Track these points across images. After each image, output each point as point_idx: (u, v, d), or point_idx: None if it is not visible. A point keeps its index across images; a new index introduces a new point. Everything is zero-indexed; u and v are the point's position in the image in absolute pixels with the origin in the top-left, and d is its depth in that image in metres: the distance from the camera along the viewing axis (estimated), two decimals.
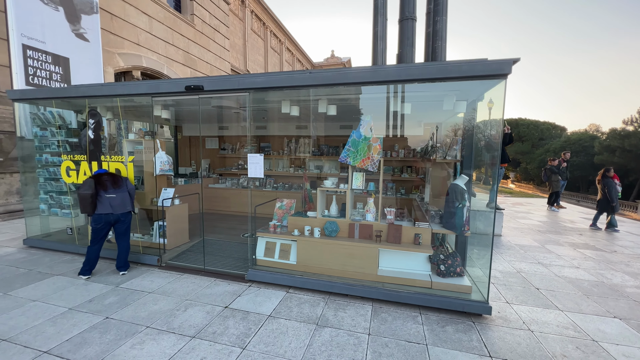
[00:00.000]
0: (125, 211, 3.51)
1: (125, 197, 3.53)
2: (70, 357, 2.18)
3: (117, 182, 3.50)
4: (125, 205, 3.52)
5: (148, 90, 3.58)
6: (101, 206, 3.38)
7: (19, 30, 5.72)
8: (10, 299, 3.00)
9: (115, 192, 3.46)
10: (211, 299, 3.08)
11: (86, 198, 3.31)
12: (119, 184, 3.51)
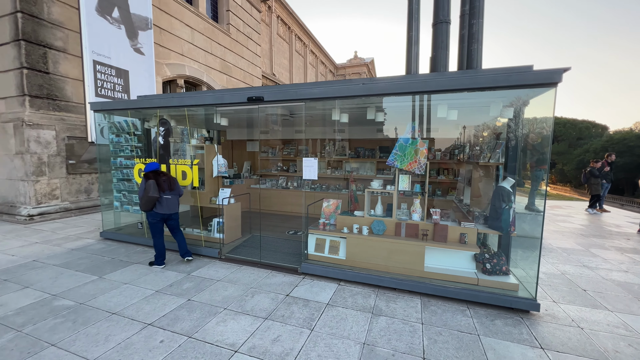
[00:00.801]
0: (176, 211, 4.04)
1: (176, 199, 4.02)
2: (170, 329, 2.60)
3: (173, 186, 3.97)
4: (176, 206, 4.04)
5: (213, 101, 4.02)
6: (159, 206, 3.87)
7: (91, 48, 6.49)
8: (106, 281, 3.53)
9: (170, 194, 3.94)
10: (272, 287, 3.44)
11: (153, 200, 3.79)
12: (173, 187, 3.97)
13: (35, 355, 2.23)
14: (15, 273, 3.71)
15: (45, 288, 3.32)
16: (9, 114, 6.38)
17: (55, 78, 6.65)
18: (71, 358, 2.22)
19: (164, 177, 3.92)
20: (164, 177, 3.91)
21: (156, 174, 3.89)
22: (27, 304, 2.98)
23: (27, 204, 6.30)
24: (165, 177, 3.94)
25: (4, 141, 6.42)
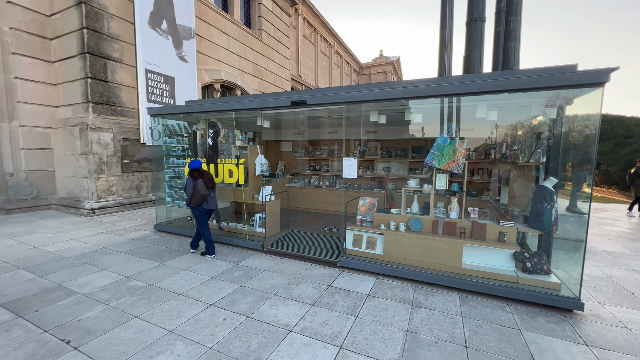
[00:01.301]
0: (216, 207, 4.46)
1: (215, 196, 4.43)
2: (230, 309, 2.93)
3: (213, 185, 4.35)
4: (215, 202, 4.43)
5: (259, 106, 4.35)
6: (205, 202, 4.25)
7: (143, 58, 7.15)
8: (167, 267, 3.97)
9: (212, 191, 4.34)
10: (314, 278, 3.70)
11: (204, 197, 4.18)
12: (214, 185, 4.36)
13: (124, 325, 2.64)
14: (91, 257, 4.27)
15: (119, 271, 3.81)
16: (75, 118, 7.20)
17: (112, 86, 7.40)
18: (153, 328, 2.60)
19: (208, 176, 4.27)
20: (208, 176, 4.26)
21: (201, 173, 4.25)
22: (107, 283, 3.46)
23: (90, 199, 7.08)
24: (208, 176, 4.29)
25: (70, 143, 7.25)
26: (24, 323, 2.64)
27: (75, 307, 2.91)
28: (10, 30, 6.83)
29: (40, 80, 7.39)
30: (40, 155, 7.51)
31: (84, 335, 2.48)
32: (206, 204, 4.27)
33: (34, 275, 3.62)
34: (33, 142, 7.35)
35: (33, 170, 7.40)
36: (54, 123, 7.66)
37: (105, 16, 7.16)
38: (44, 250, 4.52)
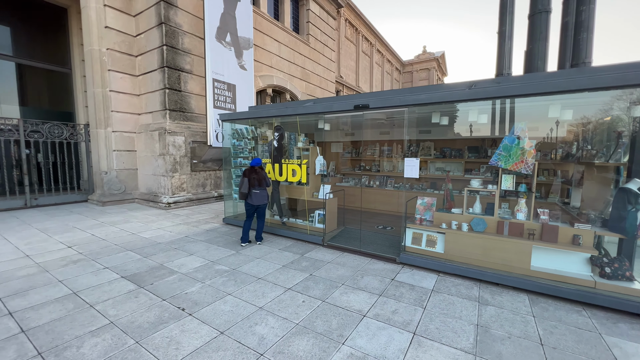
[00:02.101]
0: (264, 203, 4.84)
1: (264, 193, 4.81)
2: (306, 293, 3.29)
3: (262, 182, 4.76)
4: (264, 199, 4.83)
5: (322, 110, 4.70)
6: (250, 198, 4.74)
7: (211, 69, 7.98)
8: (242, 255, 4.49)
9: (259, 189, 4.75)
10: (377, 272, 3.92)
11: (244, 195, 4.73)
12: (262, 183, 4.76)
13: (222, 300, 3.13)
14: (179, 244, 4.97)
15: (204, 256, 4.41)
16: (155, 124, 8.27)
17: (184, 95, 8.36)
18: (245, 304, 3.04)
19: (254, 175, 4.71)
20: (254, 175, 4.71)
21: (251, 171, 4.71)
22: (198, 265, 4.06)
23: (166, 194, 8.09)
24: (256, 175, 4.72)
25: (151, 145, 8.35)
26: (145, 292, 3.26)
27: (179, 283, 3.50)
28: (107, 50, 8.09)
29: (127, 92, 8.62)
30: (127, 156, 8.76)
31: (193, 305, 3.01)
32: (251, 200, 4.76)
33: (140, 256, 4.36)
34: (122, 145, 8.60)
35: (121, 169, 8.65)
36: (137, 128, 8.87)
37: (180, 33, 8.13)
38: (141, 237, 5.36)
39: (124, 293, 3.23)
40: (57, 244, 4.85)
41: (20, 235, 5.33)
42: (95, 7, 7.86)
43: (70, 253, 4.45)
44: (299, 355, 2.29)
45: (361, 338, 2.51)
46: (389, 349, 2.38)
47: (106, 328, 2.59)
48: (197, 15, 8.49)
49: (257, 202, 4.76)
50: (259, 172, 4.80)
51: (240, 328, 2.63)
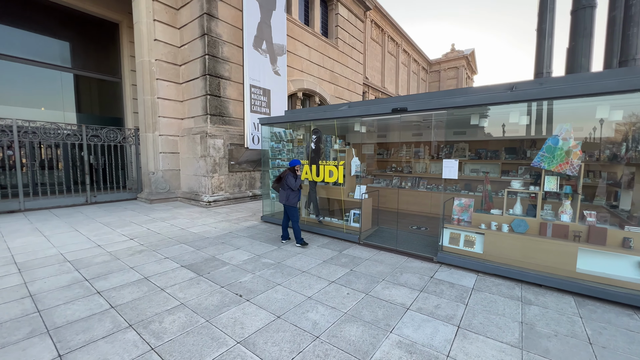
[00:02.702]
0: (282, 202, 4.95)
1: (284, 194, 4.91)
2: (349, 286, 3.50)
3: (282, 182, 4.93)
4: (283, 199, 4.93)
5: (359, 113, 4.90)
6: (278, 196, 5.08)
7: (249, 75, 8.46)
8: (284, 251, 4.79)
9: (281, 189, 4.96)
10: (415, 270, 4.05)
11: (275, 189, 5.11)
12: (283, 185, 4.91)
13: (273, 289, 3.42)
14: (225, 239, 5.38)
15: (249, 250, 4.77)
16: (197, 128, 8.89)
17: (223, 100, 8.91)
18: (294, 294, 3.31)
19: (281, 175, 5.00)
20: (281, 175, 4.99)
21: (285, 171, 4.94)
22: (246, 258, 4.41)
23: (206, 193, 8.66)
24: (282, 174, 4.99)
25: (193, 148, 8.98)
26: (205, 280, 3.63)
27: (232, 273, 3.85)
28: (155, 61, 8.84)
29: (172, 99, 9.34)
30: (171, 158, 9.47)
31: (248, 292, 3.33)
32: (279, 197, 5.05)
33: (193, 249, 4.80)
34: (167, 147, 9.32)
35: (166, 170, 9.38)
36: (180, 132, 9.57)
37: (220, 43, 8.69)
38: (190, 232, 5.85)
39: (187, 280, 3.63)
40: (121, 236, 5.44)
41: (88, 228, 6.02)
42: (146, 22, 8.62)
43: (133, 244, 4.99)
44: (351, 340, 2.50)
45: (407, 328, 2.68)
46: (436, 338, 2.53)
47: (179, 308, 2.97)
48: (235, 25, 9.02)
49: (279, 200, 5.06)
50: (285, 172, 4.96)
51: (294, 314, 2.90)
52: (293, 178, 4.84)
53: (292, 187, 4.82)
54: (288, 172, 4.92)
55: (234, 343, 2.44)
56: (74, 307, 2.95)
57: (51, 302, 3.04)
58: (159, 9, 8.77)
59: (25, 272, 3.76)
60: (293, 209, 4.94)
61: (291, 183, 4.81)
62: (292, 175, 4.86)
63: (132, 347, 2.37)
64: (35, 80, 10.56)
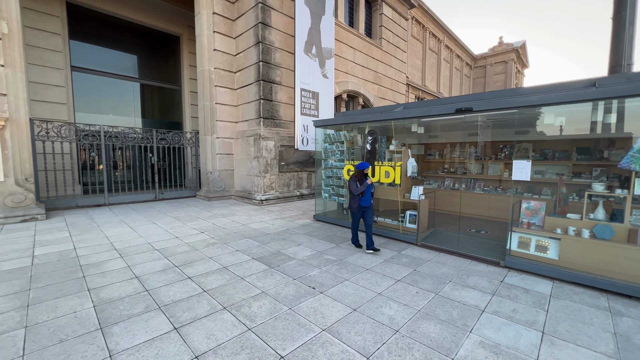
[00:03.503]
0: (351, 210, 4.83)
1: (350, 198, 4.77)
2: (416, 285, 3.55)
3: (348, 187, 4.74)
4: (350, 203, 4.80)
5: (420, 114, 4.90)
6: None
7: (299, 79, 8.81)
8: (343, 249, 4.96)
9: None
10: (482, 273, 3.96)
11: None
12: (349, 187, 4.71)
13: (342, 283, 3.59)
14: (284, 235, 5.70)
15: (310, 247, 5.01)
16: (250, 131, 9.46)
17: (275, 104, 9.37)
18: (364, 290, 3.45)
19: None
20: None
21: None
22: (309, 254, 4.65)
23: (259, 192, 9.17)
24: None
25: (246, 149, 9.57)
26: (276, 272, 3.92)
27: (300, 267, 4.10)
28: (214, 69, 9.58)
29: (227, 104, 10.04)
30: (226, 159, 10.18)
31: (320, 285, 3.54)
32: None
33: (258, 243, 5.17)
34: (222, 149, 10.04)
35: (222, 170, 10.10)
36: (234, 134, 10.24)
37: (272, 50, 9.16)
38: (251, 227, 6.28)
39: (261, 271, 3.95)
40: (192, 230, 6.02)
41: (163, 221, 6.74)
42: (207, 33, 9.38)
43: (204, 237, 5.50)
44: (431, 336, 2.57)
45: (487, 329, 2.68)
46: (520, 342, 2.50)
47: (261, 296, 3.26)
48: (286, 32, 9.44)
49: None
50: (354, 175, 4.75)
51: (369, 308, 3.03)
52: (355, 182, 4.59)
53: (352, 191, 4.61)
54: (353, 175, 4.73)
55: (319, 330, 2.64)
56: (174, 289, 3.38)
57: (154, 283, 3.52)
58: (218, 21, 9.49)
59: (126, 257, 4.37)
60: (352, 214, 4.86)
61: (352, 187, 4.60)
62: (354, 179, 4.62)
63: (231, 326, 2.68)
64: (112, 90, 12.03)
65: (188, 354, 2.31)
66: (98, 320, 2.73)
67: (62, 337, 2.47)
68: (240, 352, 2.33)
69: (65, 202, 7.98)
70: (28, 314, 2.81)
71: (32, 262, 4.11)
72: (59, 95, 9.59)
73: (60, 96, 9.64)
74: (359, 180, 4.60)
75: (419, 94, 26.69)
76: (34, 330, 2.57)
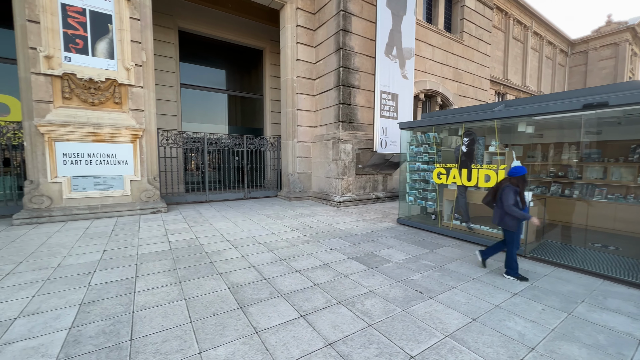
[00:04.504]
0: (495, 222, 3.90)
1: (497, 212, 3.86)
2: (539, 301, 3.20)
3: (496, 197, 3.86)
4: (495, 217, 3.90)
5: (533, 112, 4.42)
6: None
7: (380, 82, 8.81)
8: (439, 255, 4.76)
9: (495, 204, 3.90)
10: (624, 296, 3.36)
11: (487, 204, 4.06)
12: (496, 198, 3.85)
13: (450, 291, 3.46)
14: (371, 237, 5.75)
15: (403, 250, 4.95)
16: (329, 134, 9.81)
17: (353, 107, 9.54)
18: (477, 300, 3.26)
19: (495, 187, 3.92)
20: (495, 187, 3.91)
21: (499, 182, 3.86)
22: (404, 258, 4.60)
23: (337, 194, 9.44)
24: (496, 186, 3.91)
25: (324, 152, 9.95)
26: (377, 273, 3.98)
27: (400, 270, 4.08)
28: (296, 78, 10.23)
29: (307, 109, 10.60)
30: (305, 162, 10.75)
31: (427, 291, 3.47)
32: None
33: (350, 243, 5.32)
34: (302, 152, 10.63)
35: (301, 172, 10.70)
36: (312, 138, 10.76)
37: (352, 55, 9.36)
38: (336, 227, 6.50)
39: (361, 270, 4.06)
40: (284, 227, 6.52)
41: (257, 218, 7.46)
42: (291, 45, 10.09)
43: (297, 235, 5.90)
44: None
45: None
46: None
47: (370, 294, 3.36)
48: (365, 36, 9.54)
49: (493, 220, 3.95)
50: (503, 184, 3.82)
51: (490, 320, 2.86)
52: (514, 193, 3.63)
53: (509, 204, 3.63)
54: (507, 184, 3.73)
55: (442, 336, 2.60)
56: (288, 280, 3.73)
57: (269, 273, 3.93)
58: (301, 32, 10.13)
59: (238, 248, 4.98)
60: (510, 234, 3.79)
61: (510, 200, 3.61)
62: (512, 189, 3.65)
63: (351, 320, 2.82)
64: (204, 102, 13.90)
65: (321, 340, 2.52)
66: (236, 300, 3.18)
67: (214, 311, 2.96)
68: (368, 346, 2.45)
69: (178, 198, 9.48)
70: (182, 289, 3.43)
71: (169, 247, 4.99)
72: (171, 108, 11.46)
73: (173, 109, 11.52)
74: (521, 190, 3.67)
75: (499, 89, 24.13)
76: (191, 302, 3.13)
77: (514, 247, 3.84)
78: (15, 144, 7.16)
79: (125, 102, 7.40)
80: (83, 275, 3.79)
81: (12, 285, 3.47)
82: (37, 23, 6.38)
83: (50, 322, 2.74)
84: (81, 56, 6.79)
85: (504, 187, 3.76)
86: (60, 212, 6.74)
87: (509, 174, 3.80)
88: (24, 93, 6.60)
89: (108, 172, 7.30)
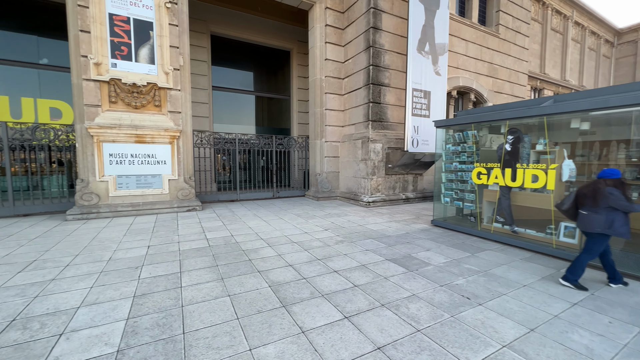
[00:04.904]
0: (585, 230, 3.52)
1: (592, 218, 3.42)
2: (603, 313, 2.93)
3: (596, 201, 3.40)
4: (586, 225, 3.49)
5: (590, 106, 4.08)
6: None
7: (412, 80, 8.58)
8: (481, 259, 4.52)
9: (587, 210, 3.50)
10: None
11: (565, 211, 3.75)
12: (597, 202, 3.39)
13: (500, 297, 3.26)
14: (406, 238, 5.58)
15: (442, 253, 4.75)
16: (358, 134, 9.70)
17: (383, 106, 9.36)
18: (532, 308, 3.04)
19: (585, 190, 3.55)
20: (585, 190, 3.55)
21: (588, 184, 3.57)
22: (444, 261, 4.41)
23: (365, 194, 9.30)
24: (586, 189, 3.55)
25: (353, 152, 9.85)
26: (418, 276, 3.85)
27: (441, 274, 3.91)
28: (325, 77, 10.22)
29: (335, 109, 10.56)
30: (333, 161, 10.71)
31: (474, 296, 3.30)
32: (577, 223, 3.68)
33: (385, 245, 5.20)
34: (330, 152, 10.60)
35: (329, 172, 10.67)
36: (341, 138, 10.69)
37: (382, 52, 9.18)
38: (368, 228, 6.39)
39: (400, 273, 3.95)
40: (315, 226, 6.52)
41: (287, 217, 7.52)
42: (319, 45, 10.09)
43: (330, 234, 5.87)
44: None
45: None
46: None
47: (413, 298, 3.24)
48: (396, 33, 9.33)
49: (580, 226, 3.60)
50: (595, 185, 3.46)
51: (550, 331, 2.65)
52: (620, 193, 3.32)
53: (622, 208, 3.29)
54: (608, 186, 3.36)
55: (498, 346, 2.44)
56: (327, 280, 3.70)
57: (307, 273, 3.92)
58: (330, 32, 10.10)
59: (274, 247, 5.03)
60: (597, 241, 3.44)
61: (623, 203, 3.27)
62: (616, 190, 3.33)
63: (397, 324, 2.74)
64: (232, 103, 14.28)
65: (369, 344, 2.46)
66: (278, 299, 3.20)
67: (258, 309, 2.99)
68: (420, 353, 2.35)
69: (211, 197, 9.81)
70: (225, 286, 3.51)
71: (208, 244, 5.15)
72: (204, 110, 11.89)
73: (205, 111, 11.94)
74: (623, 192, 3.35)
75: (535, 85, 22.75)
76: (235, 299, 3.19)
77: (591, 256, 3.51)
78: (67, 145, 7.74)
79: (164, 104, 7.76)
80: (132, 269, 3.99)
81: (72, 277, 3.73)
82: (88, 32, 6.85)
83: (109, 312, 2.90)
84: (126, 62, 7.20)
85: (605, 189, 3.34)
86: (107, 208, 7.20)
87: (602, 177, 3.44)
88: (76, 98, 7.12)
89: (148, 172, 7.69)
